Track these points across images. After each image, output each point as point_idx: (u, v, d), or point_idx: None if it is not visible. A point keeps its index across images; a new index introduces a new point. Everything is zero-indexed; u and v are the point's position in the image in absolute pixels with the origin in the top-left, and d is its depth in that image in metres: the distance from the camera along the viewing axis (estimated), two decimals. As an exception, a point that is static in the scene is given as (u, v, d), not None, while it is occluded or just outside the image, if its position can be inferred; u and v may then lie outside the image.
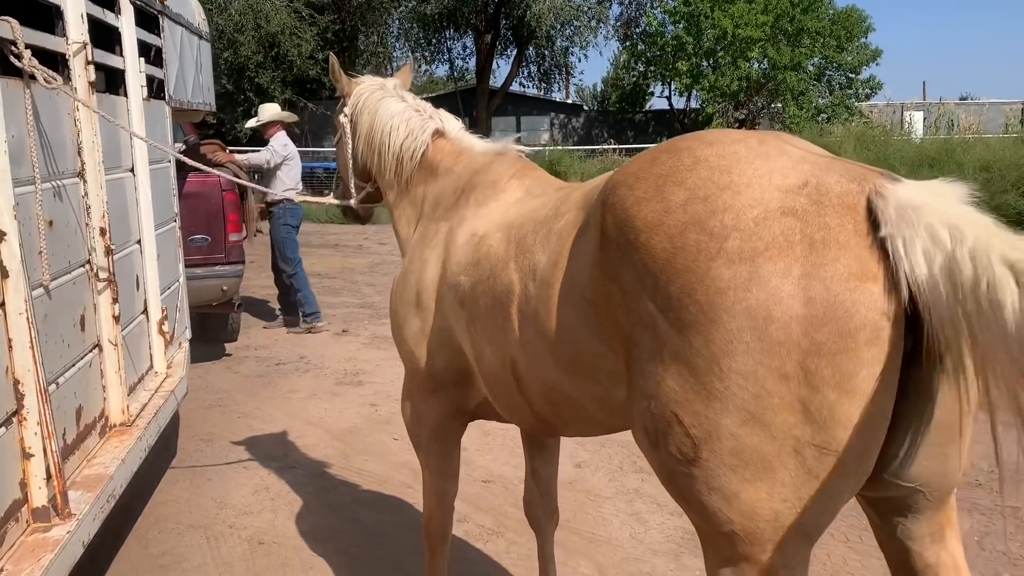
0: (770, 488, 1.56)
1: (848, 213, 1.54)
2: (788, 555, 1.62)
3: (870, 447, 1.56)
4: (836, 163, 1.66)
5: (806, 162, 1.65)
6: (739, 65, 28.13)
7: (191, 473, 4.84)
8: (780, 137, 1.79)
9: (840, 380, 1.49)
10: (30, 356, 2.78)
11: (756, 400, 1.53)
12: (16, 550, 2.70)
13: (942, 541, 1.82)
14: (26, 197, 2.91)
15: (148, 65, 4.67)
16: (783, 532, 1.59)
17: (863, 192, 1.56)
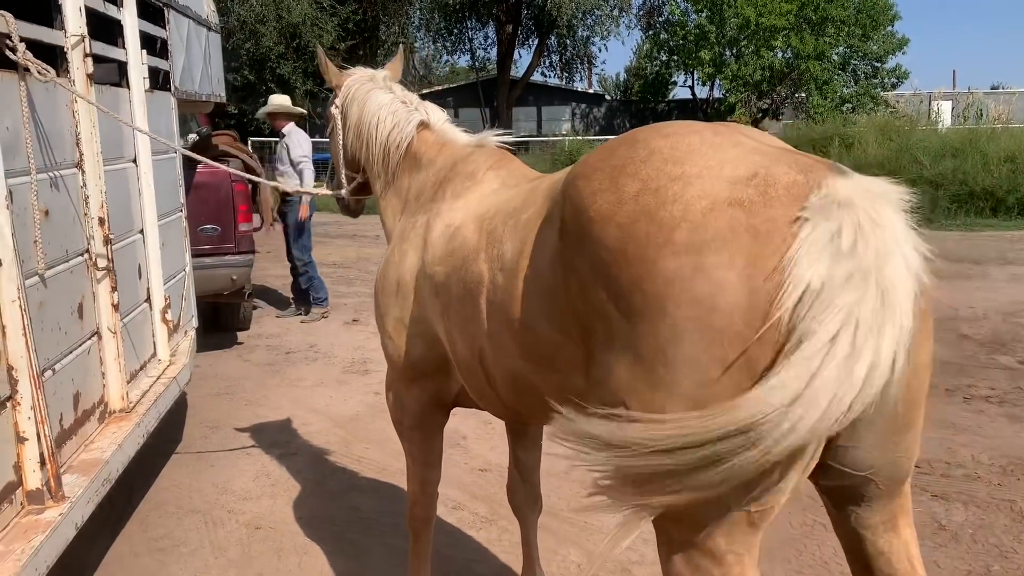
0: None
1: (792, 204, 1.55)
2: (735, 540, 1.64)
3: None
4: (786, 155, 1.67)
5: (757, 153, 1.66)
6: (762, 54, 27.91)
7: (194, 459, 4.93)
8: (736, 128, 1.80)
9: None
10: (23, 343, 2.84)
11: (700, 389, 1.54)
12: (9, 531, 2.78)
13: (895, 529, 1.83)
14: (21, 187, 2.98)
15: (153, 57, 4.73)
16: (728, 517, 1.61)
17: (808, 184, 1.57)
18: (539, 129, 35.26)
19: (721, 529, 1.63)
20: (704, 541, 1.65)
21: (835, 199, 1.52)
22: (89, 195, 3.65)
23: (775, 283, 1.50)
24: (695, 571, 1.68)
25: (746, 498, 1.59)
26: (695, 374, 1.54)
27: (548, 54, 35.20)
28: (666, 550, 1.73)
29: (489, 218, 2.35)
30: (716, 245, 1.54)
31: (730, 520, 1.62)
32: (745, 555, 1.66)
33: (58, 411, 3.26)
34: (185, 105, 6.15)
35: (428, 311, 2.61)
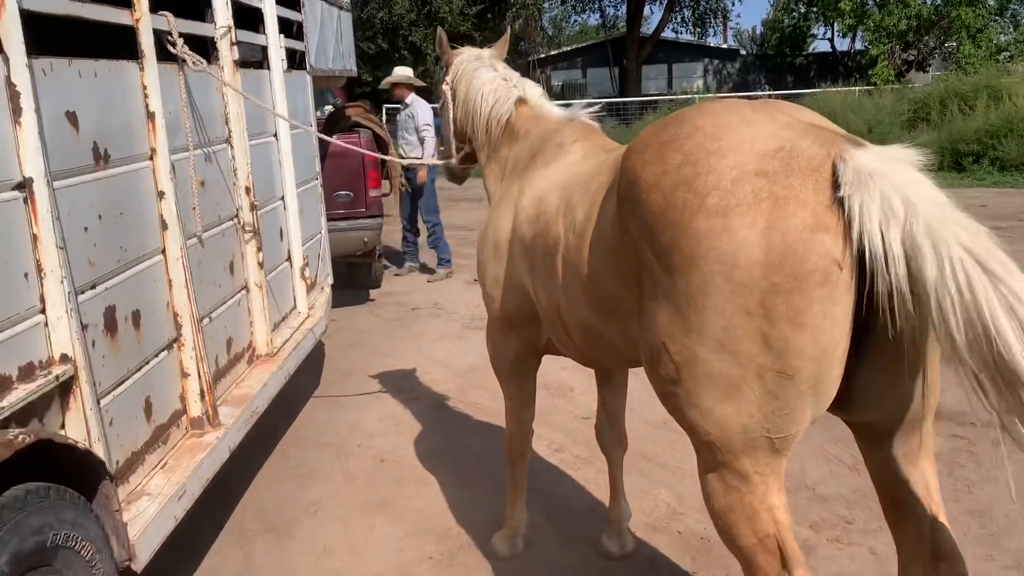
0: (738, 406, 1.86)
1: (811, 174, 1.78)
2: (759, 463, 1.92)
3: (825, 374, 1.82)
4: (814, 130, 1.89)
5: (788, 128, 1.89)
6: (908, 2, 26.35)
7: (330, 401, 5.52)
8: (774, 106, 2.04)
9: (793, 315, 1.76)
10: (186, 294, 3.40)
11: (724, 332, 1.82)
12: (177, 450, 3.35)
13: (915, 463, 2.05)
14: (181, 162, 3.52)
15: (290, 39, 5.24)
16: (752, 443, 1.89)
17: (829, 156, 1.79)
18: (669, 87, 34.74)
19: (747, 453, 1.91)
20: (732, 463, 1.94)
21: (865, 171, 1.73)
22: (237, 167, 4.19)
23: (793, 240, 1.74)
24: (726, 488, 1.97)
25: (766, 427, 1.87)
26: (720, 319, 1.82)
27: (679, 9, 34.47)
28: (703, 470, 2.03)
29: (568, 186, 2.67)
30: (741, 209, 1.80)
31: (754, 446, 1.90)
32: (769, 476, 1.94)
33: (214, 353, 3.83)
34: (320, 80, 6.70)
35: (519, 269, 2.96)
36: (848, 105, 18.20)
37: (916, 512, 2.05)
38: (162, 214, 3.30)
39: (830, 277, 1.74)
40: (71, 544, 2.29)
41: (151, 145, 3.24)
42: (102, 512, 2.57)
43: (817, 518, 3.82)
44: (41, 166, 2.42)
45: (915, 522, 2.05)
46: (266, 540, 3.81)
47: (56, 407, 2.53)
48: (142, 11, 3.18)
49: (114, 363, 2.90)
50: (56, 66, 2.63)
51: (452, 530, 3.82)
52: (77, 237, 2.68)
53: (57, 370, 2.48)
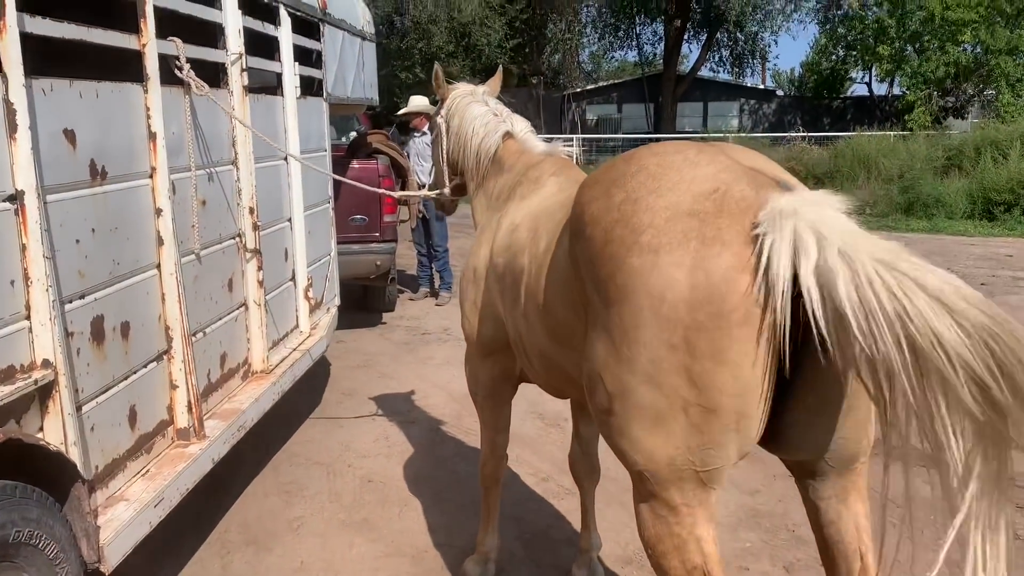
0: (664, 438, 1.91)
1: (739, 216, 1.85)
2: (687, 495, 1.96)
3: (748, 410, 1.86)
4: (751, 173, 1.95)
5: (727, 171, 1.96)
6: (947, 49, 26.25)
7: (327, 420, 5.62)
8: (720, 147, 2.11)
9: (715, 352, 1.81)
10: (177, 308, 3.51)
11: (652, 364, 1.88)
12: (160, 459, 3.45)
13: (845, 502, 2.08)
14: (183, 182, 3.65)
15: (307, 67, 5.41)
16: (679, 475, 1.94)
17: (758, 199, 1.86)
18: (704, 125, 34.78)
19: (674, 485, 1.96)
20: (661, 494, 1.99)
21: (780, 211, 1.80)
22: (242, 188, 4.33)
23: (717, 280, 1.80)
24: (655, 518, 2.02)
25: (692, 460, 1.91)
26: (648, 352, 1.88)
27: (718, 49, 34.63)
28: (636, 499, 2.09)
29: (537, 218, 2.76)
30: (671, 247, 1.87)
31: (681, 478, 1.95)
32: (697, 508, 1.98)
33: (206, 367, 3.94)
34: (341, 108, 6.88)
35: (493, 296, 3.04)
36: (881, 149, 18.14)
37: (846, 552, 2.08)
38: (159, 230, 3.43)
39: (751, 316, 1.79)
40: (34, 542, 2.39)
41: (151, 164, 3.38)
42: (72, 514, 2.66)
43: (793, 559, 3.81)
44: (33, 180, 2.55)
45: (844, 562, 2.08)
46: (245, 552, 3.89)
47: (35, 410, 2.64)
48: (148, 36, 3.33)
49: (99, 371, 3.01)
50: (56, 86, 2.78)
51: (429, 552, 3.87)
52: (68, 248, 2.81)
53: (37, 374, 2.60)
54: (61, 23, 2.81)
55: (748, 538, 4.00)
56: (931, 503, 1.65)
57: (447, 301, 9.12)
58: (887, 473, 1.71)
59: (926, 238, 13.65)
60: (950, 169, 16.74)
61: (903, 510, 1.75)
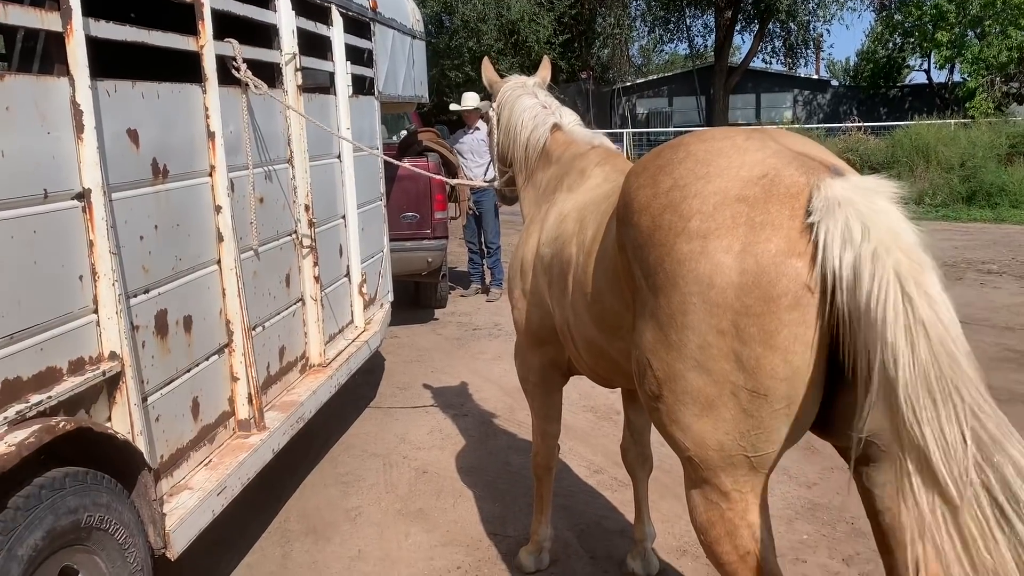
0: (714, 423, 1.91)
1: (789, 201, 1.84)
2: (738, 480, 1.96)
3: (798, 395, 1.85)
4: (800, 158, 1.94)
5: (776, 156, 1.95)
6: (1010, 33, 25.42)
7: (383, 412, 5.70)
8: (769, 133, 2.09)
9: (764, 336, 1.81)
10: (238, 303, 3.61)
11: (701, 350, 1.88)
12: (222, 449, 3.55)
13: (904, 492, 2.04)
14: (240, 179, 3.75)
15: (359, 66, 5.49)
16: (729, 460, 1.94)
17: (808, 184, 1.85)
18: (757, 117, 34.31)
19: (725, 470, 1.96)
20: (712, 479, 1.99)
21: (835, 199, 1.79)
22: (297, 186, 4.42)
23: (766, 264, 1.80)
24: (707, 504, 2.02)
25: (743, 445, 1.91)
26: (697, 338, 1.88)
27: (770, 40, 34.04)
28: (688, 486, 2.09)
29: (584, 208, 2.77)
30: (719, 233, 1.86)
31: (732, 463, 1.94)
32: (749, 494, 1.98)
33: (265, 360, 4.04)
34: (392, 106, 6.97)
35: (541, 287, 3.06)
36: (941, 138, 17.67)
37: (903, 540, 2.04)
38: (218, 227, 3.52)
39: (800, 301, 1.78)
40: (104, 526, 2.48)
41: (211, 163, 3.47)
42: (140, 501, 2.76)
43: (852, 552, 3.76)
44: (99, 178, 2.65)
45: (901, 552, 2.04)
46: (305, 541, 3.97)
47: (103, 401, 2.74)
48: (206, 38, 3.42)
49: (163, 363, 3.11)
50: (120, 88, 2.88)
51: (483, 542, 3.91)
52: (132, 244, 2.91)
53: (105, 366, 2.69)
54: (123, 26, 2.91)
55: (805, 530, 3.96)
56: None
57: (498, 297, 9.16)
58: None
59: (989, 228, 13.29)
60: (1014, 156, 16.25)
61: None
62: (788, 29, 33.33)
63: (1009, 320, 7.51)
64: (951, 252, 10.95)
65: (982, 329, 7.23)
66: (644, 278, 2.03)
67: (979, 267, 9.98)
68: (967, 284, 9.08)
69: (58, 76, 2.57)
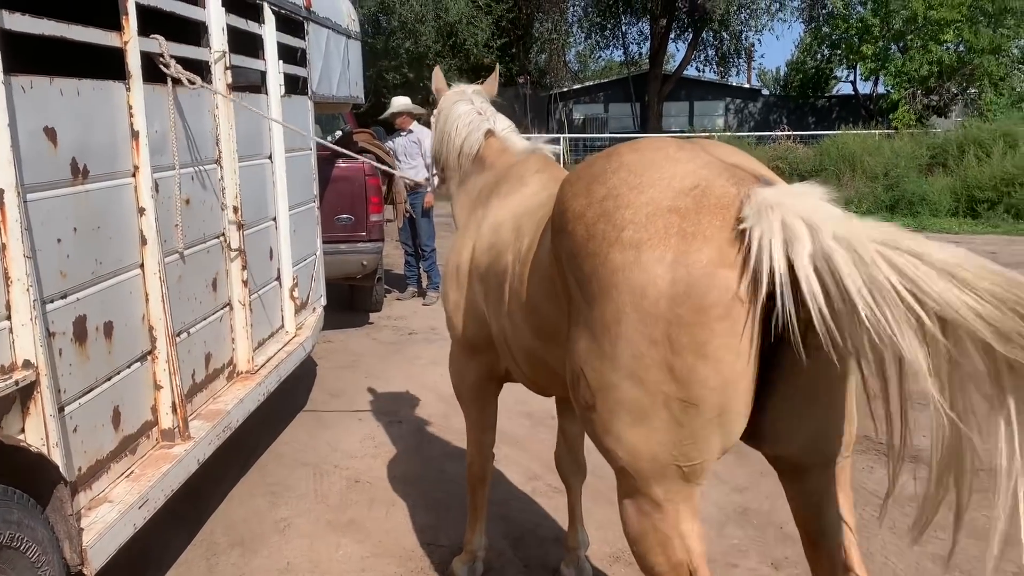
0: (647, 433, 1.91)
1: (720, 212, 1.84)
2: (670, 491, 1.96)
3: (730, 404, 1.86)
4: (731, 170, 1.95)
5: (707, 167, 1.95)
6: (930, 48, 26.40)
7: (314, 420, 5.59)
8: (701, 144, 2.10)
9: (696, 347, 1.81)
10: (161, 308, 3.49)
11: (633, 360, 1.87)
12: (144, 460, 3.43)
13: (830, 497, 2.08)
14: (166, 180, 3.63)
15: (292, 65, 5.38)
16: (662, 470, 1.94)
17: (739, 195, 1.86)
18: (691, 124, 34.86)
19: (657, 481, 1.96)
20: (644, 489, 1.98)
21: (765, 204, 1.80)
22: (226, 187, 4.29)
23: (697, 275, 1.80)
24: (640, 515, 2.02)
25: (674, 455, 1.91)
26: (630, 348, 1.87)
27: (704, 48, 34.68)
28: (620, 496, 2.08)
29: (520, 216, 2.75)
30: (652, 243, 1.86)
31: (664, 473, 1.94)
32: (681, 504, 1.98)
33: (191, 367, 3.91)
34: (327, 107, 6.86)
35: (477, 296, 3.03)
36: (866, 148, 18.24)
37: (830, 547, 2.08)
38: (142, 229, 3.40)
39: (732, 311, 1.79)
40: (15, 544, 2.36)
41: (134, 163, 3.35)
42: (55, 516, 2.64)
43: (781, 556, 3.82)
44: (12, 178, 2.52)
45: (828, 557, 2.08)
46: (231, 554, 3.86)
47: (16, 411, 2.60)
48: (130, 34, 3.30)
49: (81, 371, 2.98)
50: (36, 83, 2.74)
51: (416, 552, 3.86)
52: (49, 248, 2.78)
53: (18, 375, 2.56)
54: (41, 19, 2.78)
55: (736, 535, 4.01)
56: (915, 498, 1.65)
57: (435, 301, 9.10)
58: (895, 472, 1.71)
59: (911, 236, 13.73)
60: (934, 167, 16.88)
61: (883, 505, 1.77)
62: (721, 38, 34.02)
63: (930, 326, 7.76)
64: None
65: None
66: (578, 287, 2.02)
67: (902, 274, 10.30)
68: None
69: (-32, 71, 2.44)
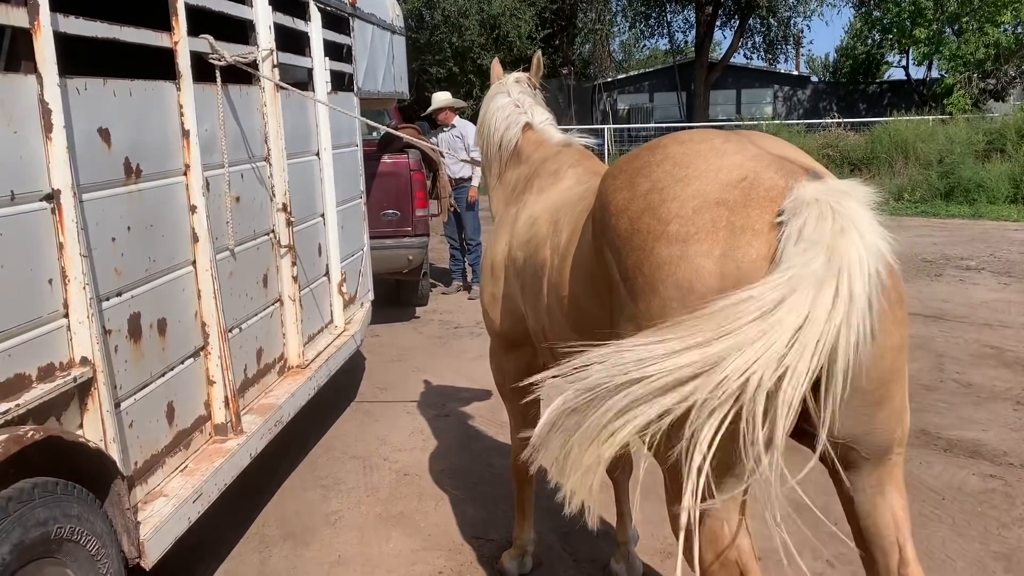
0: None
1: (769, 205, 1.80)
2: (722, 490, 1.92)
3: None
4: (779, 161, 1.89)
5: (754, 159, 1.91)
6: (987, 30, 25.63)
7: (363, 413, 5.64)
8: (747, 136, 2.05)
9: None
10: (213, 305, 3.54)
11: None
12: (198, 454, 3.48)
13: (882, 495, 2.03)
14: (216, 178, 3.68)
15: (338, 62, 5.41)
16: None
17: (787, 187, 1.81)
18: (738, 112, 34.37)
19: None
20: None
21: (804, 199, 1.75)
22: (275, 184, 4.34)
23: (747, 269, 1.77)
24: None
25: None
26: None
27: (751, 35, 34.11)
28: (669, 497, 2.05)
29: (558, 210, 2.72)
30: (699, 237, 1.82)
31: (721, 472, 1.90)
32: (730, 501, 1.94)
33: (243, 363, 3.97)
34: (370, 102, 6.90)
35: (513, 290, 3.02)
36: (919, 134, 17.78)
37: (883, 545, 2.03)
38: (193, 227, 3.45)
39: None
40: (76, 538, 2.41)
41: (185, 161, 3.40)
42: (113, 510, 2.69)
43: (834, 553, 3.74)
44: (69, 179, 2.57)
45: (882, 555, 2.03)
46: (283, 547, 3.91)
47: (74, 407, 2.67)
48: (181, 34, 3.35)
49: (137, 368, 3.04)
50: (90, 85, 2.80)
51: (465, 546, 3.87)
52: (104, 246, 2.84)
53: (76, 372, 2.62)
54: (94, 22, 2.83)
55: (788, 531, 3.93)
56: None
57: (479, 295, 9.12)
58: None
59: (967, 223, 13.38)
60: (991, 153, 16.38)
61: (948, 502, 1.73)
62: (768, 25, 33.39)
63: (988, 317, 7.55)
64: (931, 248, 11.01)
65: (961, 326, 7.26)
66: (623, 282, 1.99)
67: (958, 263, 10.03)
68: (946, 281, 9.13)
69: (25, 74, 2.49)
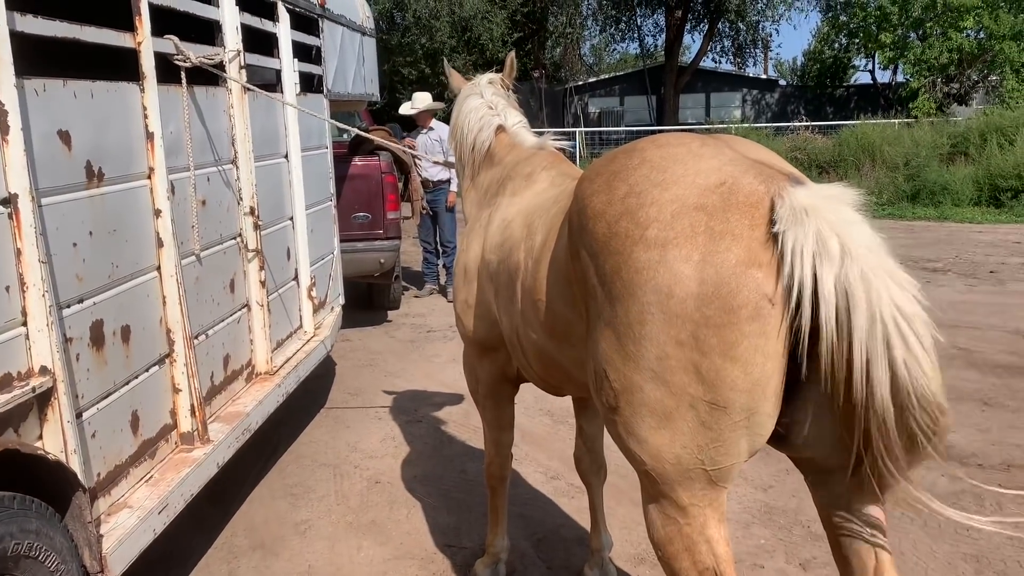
0: (671, 436, 1.86)
1: (748, 210, 1.78)
2: (696, 495, 1.91)
3: (758, 407, 1.80)
4: (758, 166, 1.89)
5: (732, 164, 1.90)
6: (950, 35, 26.04)
7: (333, 420, 5.57)
8: (724, 141, 2.04)
9: (724, 348, 1.75)
10: (179, 311, 3.46)
11: (659, 361, 1.82)
12: (164, 464, 3.40)
13: (859, 501, 2.01)
14: (181, 182, 3.60)
15: (307, 63, 5.34)
16: (687, 474, 1.88)
17: (768, 193, 1.80)
18: (707, 116, 34.65)
19: (682, 484, 1.90)
20: (670, 494, 1.93)
21: (800, 208, 1.75)
22: (242, 187, 4.26)
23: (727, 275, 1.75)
24: (665, 519, 1.97)
25: (700, 458, 1.85)
26: (655, 349, 1.82)
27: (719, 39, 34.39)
28: (645, 500, 2.04)
29: (531, 213, 2.70)
30: (678, 242, 1.80)
31: (689, 477, 1.89)
32: (707, 508, 1.92)
33: (209, 370, 3.88)
34: (340, 104, 6.82)
35: (487, 294, 2.98)
36: (886, 137, 17.99)
37: (859, 551, 2.01)
38: (158, 232, 3.37)
39: (761, 312, 1.74)
40: (34, 554, 2.33)
41: (149, 164, 3.32)
42: (74, 523, 2.61)
43: (809, 556, 3.75)
44: (27, 183, 2.48)
45: (857, 560, 2.01)
46: (252, 557, 3.83)
47: (33, 418, 2.58)
48: (144, 34, 3.27)
49: (99, 376, 2.95)
50: (49, 86, 2.72)
51: (437, 555, 3.82)
52: (64, 252, 2.75)
53: (35, 382, 2.53)
54: (53, 21, 2.75)
55: (762, 535, 3.94)
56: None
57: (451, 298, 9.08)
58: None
59: (933, 225, 13.55)
60: (956, 156, 16.62)
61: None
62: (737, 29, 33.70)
63: (956, 318, 7.64)
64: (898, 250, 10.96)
65: (930, 327, 7.32)
66: (600, 286, 1.96)
67: (925, 265, 10.15)
68: (914, 282, 9.22)
69: (-21, 74, 2.41)
